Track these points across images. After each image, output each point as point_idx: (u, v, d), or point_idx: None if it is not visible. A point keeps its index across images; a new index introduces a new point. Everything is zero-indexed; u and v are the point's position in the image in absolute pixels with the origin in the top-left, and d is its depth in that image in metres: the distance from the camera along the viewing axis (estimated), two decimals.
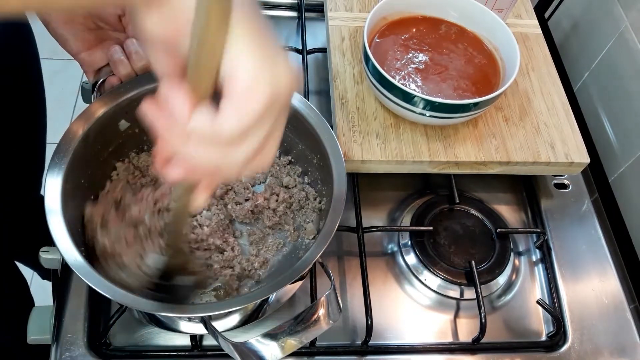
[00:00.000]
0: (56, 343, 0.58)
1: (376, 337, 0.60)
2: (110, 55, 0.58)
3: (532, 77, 0.77)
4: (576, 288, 0.67)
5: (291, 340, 0.48)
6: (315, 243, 0.52)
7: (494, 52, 0.73)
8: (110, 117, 0.59)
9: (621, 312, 0.66)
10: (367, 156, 0.67)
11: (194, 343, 0.58)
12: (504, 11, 0.76)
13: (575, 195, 0.75)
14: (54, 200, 0.51)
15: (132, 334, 0.60)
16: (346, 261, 0.66)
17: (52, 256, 0.66)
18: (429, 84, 0.69)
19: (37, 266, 1.24)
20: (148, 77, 0.60)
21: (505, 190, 0.75)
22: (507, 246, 0.68)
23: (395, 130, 0.70)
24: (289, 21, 0.90)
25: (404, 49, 0.72)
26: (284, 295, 0.60)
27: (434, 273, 0.65)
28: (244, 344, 0.47)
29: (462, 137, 0.69)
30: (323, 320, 0.50)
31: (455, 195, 0.70)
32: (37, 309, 0.65)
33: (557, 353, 0.63)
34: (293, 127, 0.64)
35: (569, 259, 0.69)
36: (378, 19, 0.72)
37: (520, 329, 0.64)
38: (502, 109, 0.73)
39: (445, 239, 0.68)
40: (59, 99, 1.73)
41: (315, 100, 0.79)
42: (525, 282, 0.68)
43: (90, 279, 0.48)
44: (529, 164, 0.69)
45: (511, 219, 0.72)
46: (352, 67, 0.75)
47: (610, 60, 0.80)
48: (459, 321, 0.64)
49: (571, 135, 0.71)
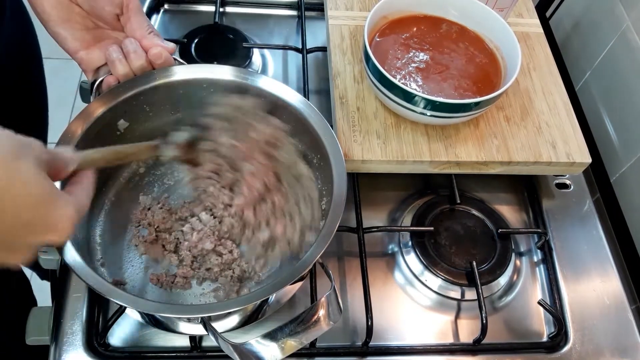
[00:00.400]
0: (55, 344, 0.57)
1: (376, 338, 0.60)
2: (108, 55, 0.58)
3: (534, 77, 0.76)
4: (577, 288, 0.67)
5: (291, 341, 0.48)
6: (315, 243, 0.52)
7: (495, 52, 0.73)
8: (109, 117, 0.59)
9: (622, 313, 0.66)
10: (367, 156, 0.66)
11: (193, 344, 0.58)
12: (505, 10, 0.76)
13: (577, 195, 0.75)
14: None
15: (130, 335, 0.59)
16: (346, 262, 0.66)
17: (50, 257, 0.65)
18: (430, 83, 0.69)
19: (36, 266, 1.24)
20: (146, 77, 0.60)
21: (506, 190, 0.75)
22: (508, 246, 0.68)
23: (396, 130, 0.69)
24: (289, 20, 0.90)
25: (404, 48, 0.71)
26: (284, 296, 0.60)
27: (434, 274, 0.65)
28: (244, 345, 0.46)
29: (463, 137, 0.69)
30: (323, 321, 0.49)
31: (456, 196, 0.69)
32: (36, 310, 0.65)
33: (559, 354, 0.62)
34: (293, 126, 0.63)
35: (570, 259, 0.69)
36: (378, 17, 0.72)
37: (521, 330, 0.64)
38: (504, 109, 0.72)
39: (446, 239, 0.67)
40: (58, 98, 1.72)
41: (315, 99, 0.79)
42: (526, 283, 0.67)
43: (89, 279, 0.48)
44: (531, 163, 0.69)
45: (512, 219, 0.72)
46: (352, 66, 0.75)
47: (612, 59, 0.79)
48: (459, 322, 0.64)
49: (573, 135, 0.71)
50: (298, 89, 0.79)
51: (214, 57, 0.79)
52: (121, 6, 0.58)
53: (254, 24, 0.88)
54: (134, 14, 0.59)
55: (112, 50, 0.58)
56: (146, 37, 0.59)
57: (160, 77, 0.60)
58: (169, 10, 0.89)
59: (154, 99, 0.62)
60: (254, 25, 0.88)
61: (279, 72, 0.83)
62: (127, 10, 0.58)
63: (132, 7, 0.58)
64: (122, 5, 0.58)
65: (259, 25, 0.88)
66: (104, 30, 0.60)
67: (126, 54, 0.58)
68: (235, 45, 0.81)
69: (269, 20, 0.90)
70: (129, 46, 0.58)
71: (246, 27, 0.85)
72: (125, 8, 0.58)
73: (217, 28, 0.83)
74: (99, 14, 0.59)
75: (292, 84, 0.82)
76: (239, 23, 0.87)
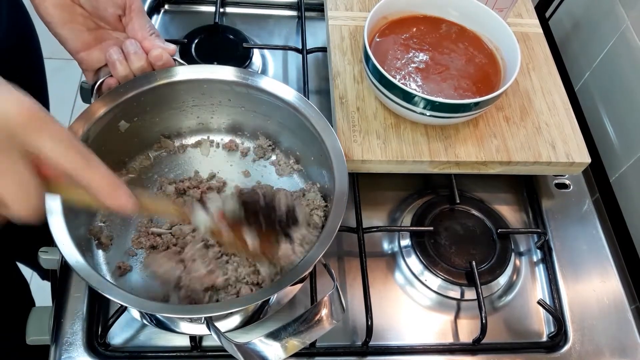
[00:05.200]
0: (55, 344, 0.57)
1: (376, 338, 0.60)
2: (109, 56, 0.58)
3: (533, 77, 0.77)
4: (577, 288, 0.67)
5: (294, 340, 0.48)
6: (317, 244, 0.52)
7: (494, 52, 0.73)
8: (110, 118, 0.59)
9: (622, 313, 0.66)
10: (367, 156, 0.67)
11: (194, 344, 0.58)
12: (504, 10, 0.76)
13: (576, 195, 0.75)
14: (54, 200, 0.51)
15: (131, 335, 0.59)
16: (346, 262, 0.66)
17: (51, 256, 0.66)
18: (430, 83, 0.69)
19: (36, 266, 1.24)
20: (147, 77, 0.60)
21: (506, 190, 0.75)
22: (507, 246, 0.68)
23: (396, 130, 0.69)
24: (289, 20, 0.90)
25: (404, 49, 0.72)
26: (285, 296, 0.60)
27: (434, 273, 0.65)
28: (247, 345, 0.46)
29: (462, 137, 0.69)
30: (326, 320, 0.49)
31: (456, 196, 0.69)
32: (36, 310, 0.65)
33: (558, 354, 0.62)
34: (293, 126, 0.64)
35: (570, 259, 0.69)
36: (378, 18, 0.72)
37: (521, 330, 0.64)
38: (503, 109, 0.73)
39: (446, 239, 0.67)
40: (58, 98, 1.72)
41: (315, 99, 0.79)
42: (526, 283, 0.68)
43: (90, 279, 0.48)
44: (530, 163, 0.69)
45: (512, 219, 0.72)
46: (352, 66, 0.75)
47: (611, 59, 0.79)
48: (459, 322, 0.64)
49: (572, 135, 0.71)
50: (298, 89, 0.79)
51: (214, 57, 0.79)
52: (124, 7, 0.58)
53: (254, 25, 0.88)
54: (136, 15, 0.59)
55: (112, 52, 0.58)
56: (147, 38, 0.59)
57: (161, 77, 0.61)
58: (169, 11, 0.89)
59: (155, 99, 0.62)
60: (254, 26, 0.88)
61: (279, 73, 0.83)
62: (129, 11, 0.58)
63: (134, 8, 0.58)
64: (124, 7, 0.58)
65: (259, 25, 0.89)
66: (105, 31, 0.60)
67: (126, 55, 0.58)
68: (235, 46, 0.81)
69: (269, 20, 0.90)
70: (130, 47, 0.58)
71: (246, 27, 0.85)
72: (128, 9, 0.58)
73: (217, 28, 0.83)
74: (101, 15, 0.59)
75: (292, 84, 0.82)
76: (239, 23, 0.88)
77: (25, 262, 1.16)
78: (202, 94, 0.64)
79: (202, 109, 0.66)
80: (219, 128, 0.69)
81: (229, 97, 0.64)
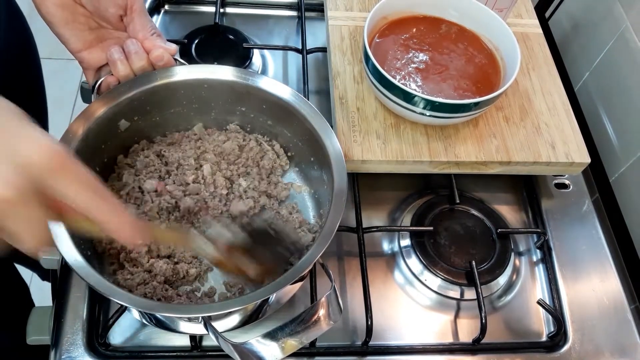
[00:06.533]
0: (55, 343, 0.58)
1: (376, 338, 0.60)
2: (110, 55, 0.58)
3: (533, 77, 0.77)
4: (577, 288, 0.67)
5: (291, 340, 0.48)
6: (316, 243, 0.52)
7: (494, 52, 0.73)
8: (110, 117, 0.59)
9: (622, 313, 0.66)
10: (367, 156, 0.67)
11: (194, 343, 0.58)
12: (504, 11, 0.76)
13: (576, 195, 0.75)
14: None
15: (131, 335, 0.59)
16: (346, 261, 0.66)
17: (51, 257, 0.65)
18: (430, 83, 0.69)
19: (36, 267, 1.24)
20: (147, 77, 0.60)
21: (505, 190, 0.75)
22: (507, 246, 0.68)
23: (396, 130, 0.69)
24: (289, 21, 0.90)
25: (404, 49, 0.72)
26: (284, 295, 0.60)
27: (434, 273, 0.65)
28: (244, 345, 0.46)
29: (462, 137, 0.69)
30: (323, 321, 0.49)
31: (456, 195, 0.70)
32: (37, 310, 0.65)
33: (558, 353, 0.62)
34: (293, 126, 0.64)
35: (569, 259, 0.69)
36: (378, 18, 0.72)
37: (520, 330, 0.64)
38: (503, 109, 0.73)
39: (446, 239, 0.67)
40: (58, 98, 1.73)
41: (315, 100, 0.79)
42: (525, 283, 0.68)
43: (90, 279, 0.48)
44: (530, 164, 0.69)
45: (512, 219, 0.72)
46: (352, 66, 0.75)
47: (611, 60, 0.79)
48: (459, 321, 0.64)
49: (572, 135, 0.71)
50: (298, 89, 0.79)
51: (215, 57, 0.79)
52: (125, 7, 0.58)
53: (254, 25, 0.88)
54: (137, 15, 0.59)
55: (113, 51, 0.58)
56: (148, 38, 0.59)
57: (161, 77, 0.61)
58: (170, 11, 0.89)
59: (155, 99, 0.62)
60: (254, 26, 0.88)
61: (279, 73, 0.83)
62: (131, 11, 0.59)
63: (136, 8, 0.58)
64: (126, 7, 0.58)
65: (259, 25, 0.89)
66: (106, 30, 0.61)
67: (127, 55, 0.58)
68: (235, 46, 0.81)
69: (269, 20, 0.90)
70: (131, 47, 0.58)
71: (246, 27, 0.85)
72: (130, 9, 0.58)
73: (217, 29, 0.83)
74: (103, 14, 0.59)
75: (292, 84, 0.82)
76: (239, 24, 0.88)
77: (25, 263, 1.16)
78: (202, 94, 0.64)
79: (202, 108, 0.66)
80: (219, 128, 0.69)
81: (229, 97, 0.65)
